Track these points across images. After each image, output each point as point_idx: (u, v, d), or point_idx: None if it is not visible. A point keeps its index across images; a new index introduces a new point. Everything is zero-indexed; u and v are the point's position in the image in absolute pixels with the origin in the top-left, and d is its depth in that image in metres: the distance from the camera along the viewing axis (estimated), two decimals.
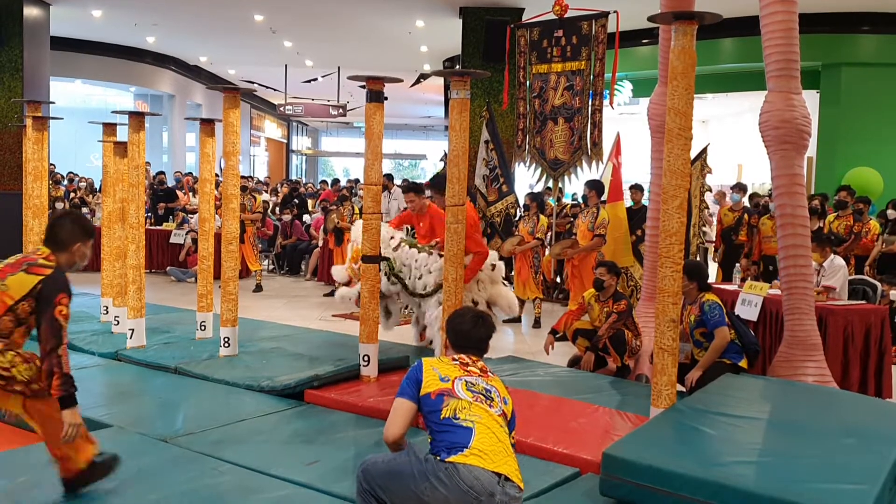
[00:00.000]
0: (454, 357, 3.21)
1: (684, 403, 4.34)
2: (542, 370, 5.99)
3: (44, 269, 3.29)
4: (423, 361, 3.15)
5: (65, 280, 3.33)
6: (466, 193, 5.31)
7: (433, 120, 33.46)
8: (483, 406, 3.02)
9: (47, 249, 3.40)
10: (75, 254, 3.45)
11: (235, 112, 6.03)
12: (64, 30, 15.39)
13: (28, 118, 7.27)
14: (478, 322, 3.31)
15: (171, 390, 5.17)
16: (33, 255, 3.38)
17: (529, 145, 9.68)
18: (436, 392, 3.02)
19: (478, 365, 3.20)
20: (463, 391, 3.03)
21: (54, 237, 3.43)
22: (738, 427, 3.99)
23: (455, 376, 3.08)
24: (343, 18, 14.69)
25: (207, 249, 6.48)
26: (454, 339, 3.31)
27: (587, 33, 9.14)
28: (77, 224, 3.50)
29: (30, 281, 3.25)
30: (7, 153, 13.00)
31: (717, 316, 5.32)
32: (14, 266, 3.32)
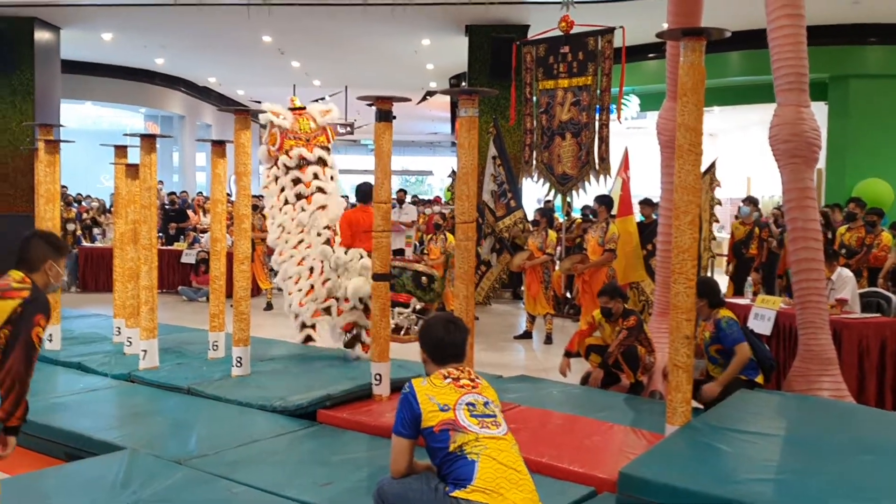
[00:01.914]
0: (443, 374, 3.12)
1: (700, 420, 4.31)
2: (555, 388, 5.95)
3: (21, 292, 3.15)
4: (416, 388, 3.05)
5: (45, 301, 3.21)
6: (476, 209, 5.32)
7: (440, 136, 33.55)
8: (490, 433, 2.96)
9: (19, 272, 3.25)
10: (48, 273, 3.30)
11: (247, 133, 6.06)
12: (74, 53, 15.54)
13: (40, 141, 7.31)
14: (449, 327, 3.24)
15: (184, 411, 5.17)
16: (5, 280, 3.22)
17: (537, 160, 9.70)
18: (439, 426, 2.95)
19: (465, 373, 3.14)
20: (467, 419, 2.96)
21: (24, 257, 3.30)
22: (754, 444, 3.96)
23: (454, 401, 3.00)
24: (350, 38, 14.78)
25: (219, 269, 6.49)
26: (432, 352, 3.22)
27: (593, 49, 9.17)
28: (46, 242, 3.36)
29: (8, 307, 3.10)
30: (19, 175, 13.11)
31: (734, 332, 5.29)
32: None
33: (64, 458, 4.54)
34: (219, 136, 17.26)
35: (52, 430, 4.67)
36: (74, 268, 12.96)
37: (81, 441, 4.52)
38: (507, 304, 12.02)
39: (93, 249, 13.24)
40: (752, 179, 19.73)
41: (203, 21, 12.88)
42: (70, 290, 12.63)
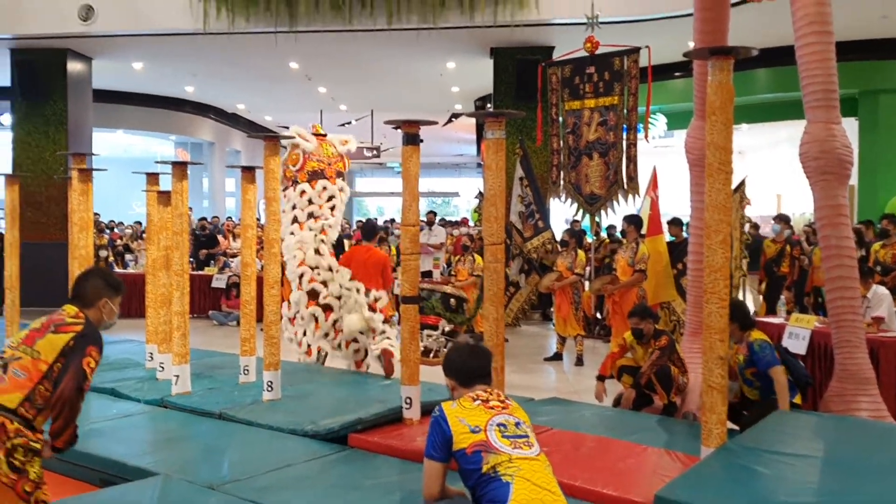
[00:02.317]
0: (472, 396, 3.13)
1: (736, 442, 4.25)
2: (587, 410, 5.90)
3: (74, 327, 3.20)
4: (446, 411, 3.06)
5: (98, 335, 3.25)
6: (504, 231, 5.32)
7: (465, 158, 33.65)
8: (523, 453, 2.95)
9: (73, 307, 3.29)
10: (102, 310, 3.34)
11: (276, 159, 6.12)
12: (106, 82, 15.82)
13: (73, 170, 7.44)
14: (473, 351, 3.31)
15: (216, 436, 5.19)
16: (59, 315, 3.28)
17: (565, 181, 9.69)
18: (471, 448, 2.95)
19: (495, 395, 3.15)
20: (499, 440, 2.96)
21: (80, 293, 3.34)
22: (791, 465, 3.89)
23: (485, 422, 3.00)
24: (375, 63, 14.92)
25: (250, 293, 6.54)
26: (458, 377, 3.26)
27: (619, 69, 9.18)
28: (103, 279, 3.40)
29: (60, 340, 3.15)
30: (53, 204, 13.32)
31: (768, 355, 5.21)
32: (41, 330, 3.22)
33: (99, 484, 4.57)
34: (248, 162, 17.47)
35: (87, 457, 4.71)
36: None
37: (116, 467, 4.55)
38: (537, 325, 11.96)
39: (125, 275, 13.37)
40: (782, 197, 19.53)
41: (232, 49, 13.08)
42: None
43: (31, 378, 3.11)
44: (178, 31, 12.28)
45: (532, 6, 10.95)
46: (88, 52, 13.91)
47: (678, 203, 17.72)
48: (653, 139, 14.24)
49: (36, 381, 3.10)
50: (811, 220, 10.50)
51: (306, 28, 11.61)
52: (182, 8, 11.77)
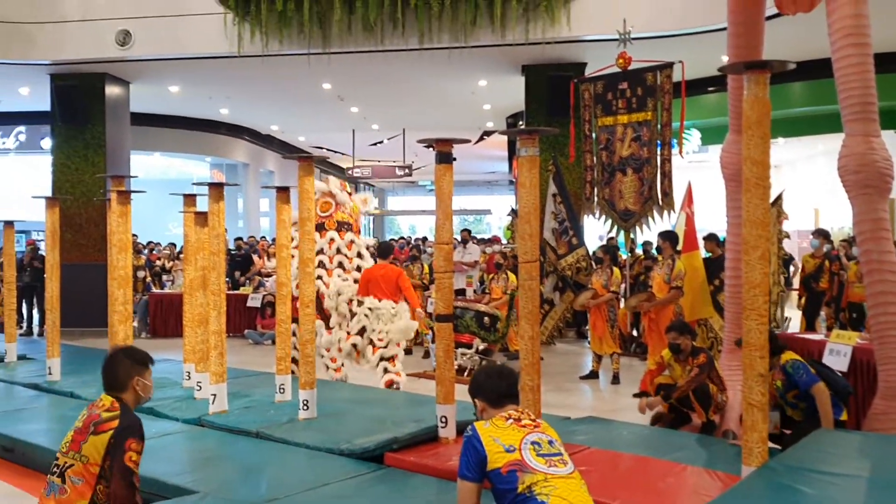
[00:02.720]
0: (504, 416, 3.11)
1: (777, 461, 4.18)
2: (625, 429, 5.85)
3: (111, 423, 3.25)
4: (479, 430, 3.03)
5: (133, 424, 3.29)
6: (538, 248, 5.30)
7: (497, 175, 33.68)
8: (558, 472, 2.92)
9: (109, 398, 3.34)
10: (137, 389, 3.39)
11: (310, 179, 6.18)
12: (143, 106, 16.10)
13: (112, 192, 7.57)
14: (499, 372, 3.30)
15: (253, 455, 5.22)
16: (96, 412, 3.31)
17: (598, 197, 9.64)
18: (506, 467, 2.92)
19: (525, 414, 3.14)
20: (534, 460, 2.94)
21: (112, 380, 3.38)
22: (834, 485, 3.81)
23: (519, 441, 2.98)
24: (407, 83, 15.02)
25: (285, 313, 6.58)
26: (488, 398, 3.24)
27: (652, 84, 9.14)
28: (129, 358, 3.43)
29: (102, 441, 3.21)
30: (92, 226, 13.55)
31: (804, 375, 5.12)
32: (83, 432, 3.27)
33: None
34: (281, 183, 17.67)
35: None
36: (144, 314, 13.29)
37: (155, 486, 4.59)
38: (572, 343, 11.88)
39: (162, 296, 13.57)
40: (819, 211, 19.26)
41: (265, 71, 13.25)
42: (140, 336, 12.94)
43: (88, 483, 3.21)
44: (213, 55, 12.47)
45: (563, 23, 10.97)
46: (126, 77, 14.18)
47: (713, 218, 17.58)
48: (687, 154, 14.14)
49: (93, 485, 3.20)
50: (850, 235, 10.33)
51: (339, 49, 11.73)
52: (217, 31, 11.96)
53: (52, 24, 12.71)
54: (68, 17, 12.62)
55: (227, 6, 11.58)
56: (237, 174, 22.30)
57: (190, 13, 12.32)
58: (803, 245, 14.73)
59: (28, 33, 12.71)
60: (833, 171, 5.36)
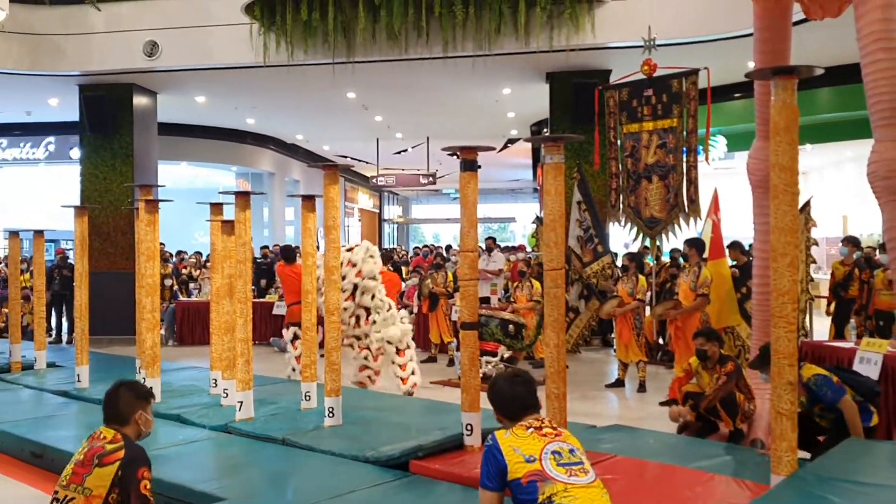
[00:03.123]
0: (525, 425, 3.08)
1: (807, 470, 4.12)
2: (651, 437, 5.80)
3: (116, 455, 3.23)
4: (499, 440, 3.01)
5: (140, 455, 3.28)
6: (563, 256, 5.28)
7: (521, 183, 33.64)
8: (578, 481, 2.89)
9: (110, 431, 3.33)
10: (139, 422, 3.38)
11: (335, 187, 6.21)
12: (170, 116, 16.28)
13: (140, 201, 7.65)
14: (514, 380, 3.24)
15: (279, 462, 5.24)
16: (99, 444, 3.29)
17: (624, 204, 9.60)
18: (526, 477, 2.90)
19: (547, 423, 3.10)
20: (554, 469, 2.91)
21: (114, 414, 3.37)
22: (865, 495, 3.76)
23: (539, 450, 2.95)
24: (431, 91, 15.06)
25: (310, 320, 6.61)
26: (505, 410, 3.21)
27: (678, 91, 9.10)
28: (132, 392, 3.43)
29: (108, 473, 3.19)
30: (119, 234, 13.70)
31: (828, 392, 5.04)
32: (86, 465, 3.24)
33: None
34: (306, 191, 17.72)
35: (155, 482, 4.78)
36: (171, 322, 13.40)
37: (183, 492, 4.63)
38: (597, 351, 11.82)
39: (189, 304, 13.68)
40: (848, 218, 19.02)
41: (291, 81, 13.35)
42: (167, 343, 13.05)
43: None
44: (239, 65, 12.60)
45: (588, 30, 10.95)
46: (153, 87, 14.35)
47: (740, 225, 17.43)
48: (713, 161, 14.04)
49: None
50: (880, 242, 10.19)
51: (363, 58, 11.80)
52: (243, 42, 12.08)
53: (80, 36, 12.91)
54: (96, 29, 12.81)
55: (253, 17, 11.68)
56: (262, 183, 22.45)
57: (216, 24, 12.46)
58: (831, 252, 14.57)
59: (57, 45, 12.91)
60: (862, 177, 5.28)
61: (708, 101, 8.88)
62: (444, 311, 11.00)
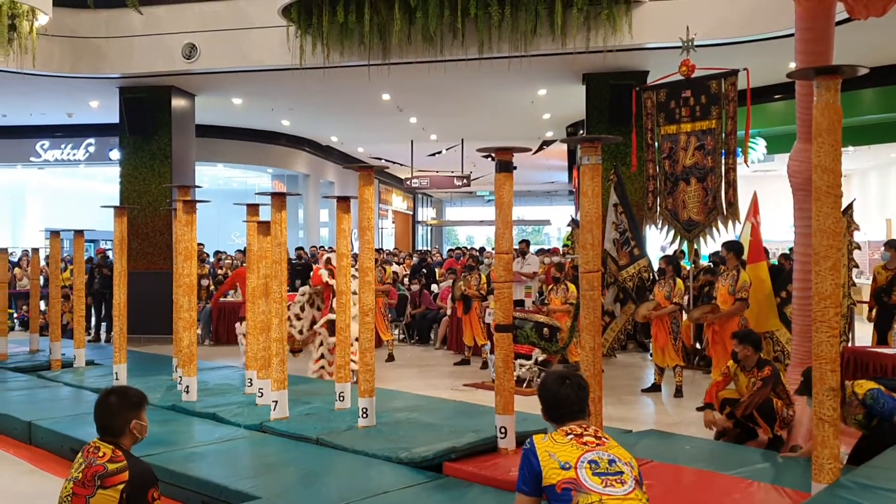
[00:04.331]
0: (565, 431, 3.00)
1: (850, 478, 4.03)
2: (688, 443, 5.73)
3: (119, 476, 3.05)
4: (536, 444, 2.95)
5: (146, 472, 3.15)
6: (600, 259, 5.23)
7: (557, 185, 33.47)
8: (614, 492, 2.82)
9: (107, 446, 3.14)
10: (135, 432, 3.22)
11: (370, 189, 6.22)
12: (207, 118, 16.45)
13: (178, 202, 7.74)
14: (564, 382, 3.11)
15: (313, 461, 5.25)
16: (98, 462, 3.09)
17: (661, 207, 9.48)
18: (560, 485, 2.83)
19: (590, 431, 3.00)
20: (589, 479, 2.83)
21: (108, 428, 3.20)
22: None
23: (576, 458, 2.87)
24: (466, 93, 15.04)
25: (345, 321, 6.62)
26: (550, 411, 3.12)
27: (716, 92, 8.97)
28: (124, 401, 3.25)
29: (113, 495, 3.03)
30: (157, 235, 13.87)
31: (884, 404, 4.92)
32: (87, 486, 3.05)
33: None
34: (340, 193, 17.83)
35: (190, 480, 4.84)
36: (208, 321, 13.53)
37: (217, 490, 4.66)
38: (633, 355, 11.70)
39: (225, 304, 13.79)
40: (892, 221, 18.65)
41: (326, 83, 13.42)
42: (204, 343, 13.18)
43: None
44: (276, 67, 12.69)
45: (625, 31, 10.85)
46: (191, 89, 14.52)
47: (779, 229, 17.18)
48: (752, 163, 13.84)
49: None
50: None
51: (399, 60, 11.81)
52: (279, 44, 12.17)
53: (120, 39, 13.11)
54: (136, 32, 13.00)
55: (290, 19, 11.76)
56: (298, 185, 22.61)
57: (253, 26, 12.58)
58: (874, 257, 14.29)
59: (98, 48, 13.12)
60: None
61: (747, 102, 8.74)
62: (478, 313, 10.97)
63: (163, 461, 4.99)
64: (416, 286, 14.17)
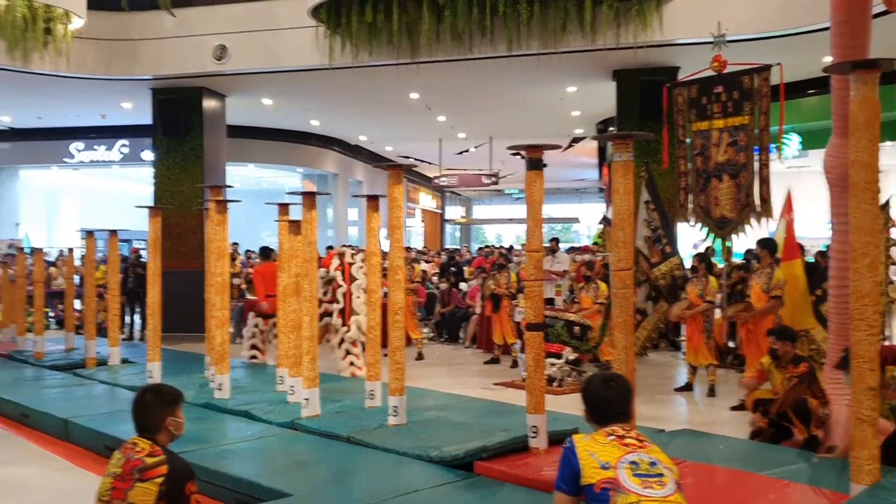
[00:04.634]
0: (607, 431, 2.99)
1: (891, 479, 3.95)
2: (722, 443, 5.66)
3: (158, 469, 3.12)
4: (576, 443, 2.94)
5: (184, 468, 3.21)
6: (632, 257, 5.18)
7: (586, 182, 33.27)
8: (654, 493, 2.80)
9: (145, 441, 3.23)
10: (171, 429, 3.30)
11: (399, 187, 6.22)
12: (238, 118, 16.59)
13: (211, 202, 7.81)
14: (608, 384, 3.11)
15: (344, 459, 5.27)
16: (136, 457, 3.17)
17: (693, 204, 9.38)
18: (600, 485, 2.82)
19: (632, 434, 2.98)
20: (629, 479, 2.82)
21: (145, 425, 3.28)
22: None
23: (616, 459, 2.86)
24: (495, 91, 15.01)
25: (375, 319, 6.63)
26: (592, 412, 3.10)
27: (749, 87, 8.84)
28: (159, 399, 3.33)
29: (152, 489, 3.09)
30: (190, 234, 14.01)
31: None
32: (126, 479, 3.13)
33: (234, 503, 4.72)
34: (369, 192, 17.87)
35: (224, 477, 4.88)
36: (240, 320, 13.62)
37: (251, 487, 4.69)
38: (664, 354, 11.60)
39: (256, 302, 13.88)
40: None
41: (355, 82, 13.47)
42: (235, 341, 13.28)
43: None
44: (305, 67, 12.76)
45: (656, 27, 10.76)
46: (222, 90, 14.65)
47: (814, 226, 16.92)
48: (786, 160, 13.66)
49: None
50: None
51: (427, 58, 11.81)
52: (309, 45, 12.23)
53: (153, 41, 13.26)
54: (167, 34, 13.14)
55: (319, 19, 11.81)
56: (327, 184, 22.73)
57: (283, 27, 12.66)
58: None
59: (130, 50, 13.29)
60: None
61: (781, 97, 8.61)
62: (508, 311, 10.94)
63: (197, 458, 5.02)
64: (445, 284, 14.17)
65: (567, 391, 8.53)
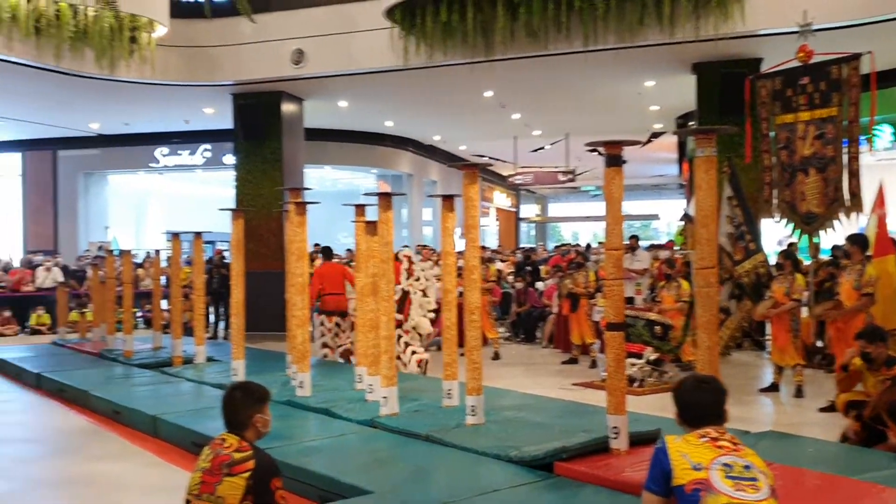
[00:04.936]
0: (700, 433, 2.92)
1: None
2: (810, 445, 5.47)
3: (246, 465, 3.19)
4: (668, 443, 2.90)
5: (271, 463, 3.27)
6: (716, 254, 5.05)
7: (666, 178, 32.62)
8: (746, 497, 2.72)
9: (233, 437, 3.30)
10: (258, 426, 3.36)
11: (474, 187, 6.21)
12: (314, 121, 16.86)
13: (290, 204, 7.95)
14: (700, 386, 3.07)
15: (423, 458, 5.29)
16: (224, 452, 3.25)
17: (778, 199, 9.09)
18: (690, 485, 2.77)
19: (726, 437, 2.91)
20: (721, 482, 2.75)
21: (234, 420, 3.36)
22: None
23: (709, 461, 2.80)
24: (570, 87, 14.87)
25: (451, 319, 6.64)
26: (684, 414, 3.04)
27: (837, 78, 8.52)
28: (248, 396, 3.41)
29: (240, 483, 3.15)
30: (271, 236, 14.31)
31: None
32: (214, 473, 3.20)
33: (318, 500, 4.80)
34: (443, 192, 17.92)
35: (307, 473, 4.97)
36: None
37: (332, 484, 4.76)
38: (749, 353, 11.28)
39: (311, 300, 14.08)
40: None
41: (429, 82, 13.54)
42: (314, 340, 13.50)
43: None
44: (381, 69, 12.88)
45: (737, 18, 10.47)
46: (300, 94, 14.91)
47: None
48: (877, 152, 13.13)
49: None
50: None
51: (502, 56, 11.77)
52: (384, 46, 12.34)
53: (232, 47, 13.60)
54: (247, 39, 13.44)
55: (394, 20, 11.90)
56: (401, 185, 22.89)
57: (358, 29, 12.81)
58: None
59: (211, 56, 13.65)
60: None
61: (871, 87, 8.27)
62: (586, 311, 10.80)
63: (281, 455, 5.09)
64: (521, 284, 14.10)
65: (648, 392, 8.38)
